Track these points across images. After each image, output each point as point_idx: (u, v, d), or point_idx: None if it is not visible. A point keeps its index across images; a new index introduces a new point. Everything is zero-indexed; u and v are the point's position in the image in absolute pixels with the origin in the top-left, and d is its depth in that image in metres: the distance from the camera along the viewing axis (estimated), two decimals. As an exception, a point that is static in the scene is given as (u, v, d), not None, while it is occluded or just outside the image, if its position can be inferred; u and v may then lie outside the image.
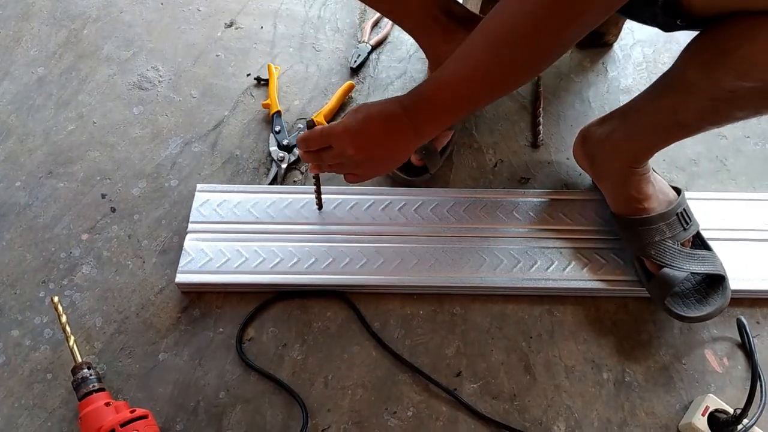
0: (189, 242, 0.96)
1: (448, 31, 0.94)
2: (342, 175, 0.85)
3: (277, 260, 0.95)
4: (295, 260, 0.95)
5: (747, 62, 0.67)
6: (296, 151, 1.08)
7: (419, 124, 0.76)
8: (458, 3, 0.97)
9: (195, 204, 1.00)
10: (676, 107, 0.80)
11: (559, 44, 0.68)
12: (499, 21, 0.68)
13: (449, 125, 0.78)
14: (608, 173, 0.96)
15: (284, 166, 1.07)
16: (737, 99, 0.72)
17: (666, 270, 0.88)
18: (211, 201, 1.00)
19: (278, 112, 1.13)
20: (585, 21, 0.65)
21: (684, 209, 0.91)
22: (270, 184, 1.06)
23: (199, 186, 1.02)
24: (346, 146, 0.78)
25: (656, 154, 0.90)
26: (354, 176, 0.83)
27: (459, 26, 0.95)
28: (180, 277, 0.93)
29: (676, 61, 0.79)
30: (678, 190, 0.94)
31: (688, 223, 0.90)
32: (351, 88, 1.18)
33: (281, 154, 1.08)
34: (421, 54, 1.13)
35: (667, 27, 0.79)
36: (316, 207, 0.99)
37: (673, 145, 0.90)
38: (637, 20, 0.86)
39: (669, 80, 0.81)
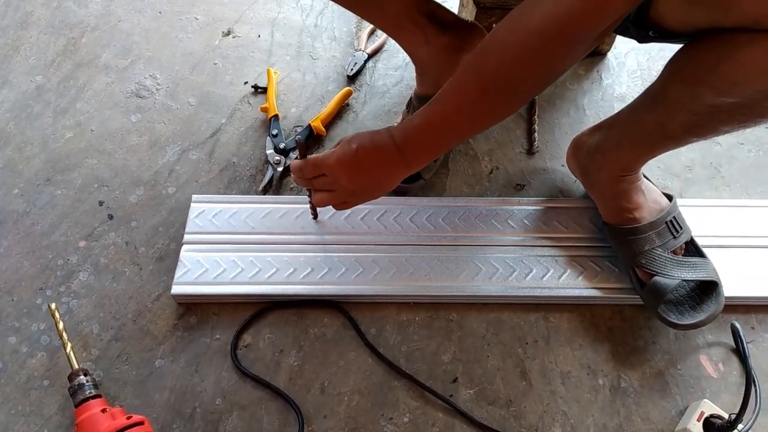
0: (185, 253, 0.96)
1: (427, 34, 0.95)
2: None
3: (273, 270, 0.95)
4: (291, 270, 0.95)
5: (727, 80, 0.67)
6: (292, 155, 1.09)
7: (409, 157, 0.79)
8: (443, 7, 0.97)
9: (191, 215, 1.00)
10: (661, 121, 0.81)
11: (543, 80, 0.71)
12: (485, 59, 0.70)
13: (439, 156, 0.80)
14: (598, 182, 0.96)
15: (280, 169, 1.08)
16: (720, 113, 0.72)
17: (657, 278, 0.88)
18: (207, 211, 1.00)
19: (276, 116, 1.14)
20: (567, 59, 0.68)
21: (674, 217, 0.92)
22: (265, 186, 1.07)
23: (194, 197, 1.02)
24: (338, 176, 0.81)
25: (650, 161, 0.91)
26: (344, 204, 0.86)
27: (439, 29, 0.95)
28: (176, 289, 0.93)
29: (660, 76, 0.80)
30: (670, 197, 0.94)
31: (678, 231, 0.91)
32: (349, 95, 1.19)
33: (277, 157, 1.09)
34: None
35: (641, 39, 0.80)
36: (311, 217, 0.99)
37: (667, 153, 0.91)
38: (614, 32, 0.87)
39: (653, 95, 0.82)
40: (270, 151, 1.10)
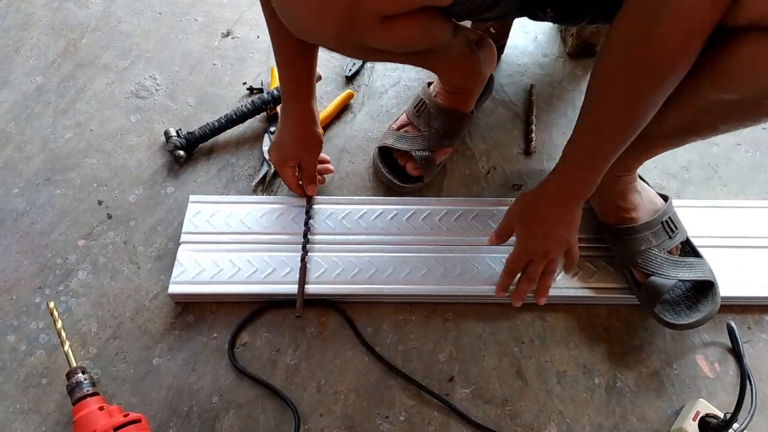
0: (182, 253, 0.96)
1: (474, 62, 0.98)
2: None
3: (270, 270, 0.95)
4: (287, 270, 0.95)
5: (726, 77, 0.67)
6: None
7: (578, 197, 0.83)
8: (471, 30, 1.00)
9: (188, 215, 1.00)
10: (659, 117, 0.80)
11: (662, 93, 0.70)
12: (611, 91, 0.72)
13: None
14: None
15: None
16: (720, 110, 0.73)
17: (653, 278, 0.88)
18: (204, 212, 1.01)
19: (276, 114, 1.15)
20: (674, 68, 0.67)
21: (670, 217, 0.92)
22: (259, 182, 1.08)
23: (191, 197, 1.03)
24: (534, 254, 0.87)
25: (647, 162, 0.91)
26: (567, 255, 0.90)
27: (477, 51, 0.98)
28: (173, 288, 0.93)
29: None
30: (666, 198, 0.95)
31: (674, 231, 0.91)
32: (350, 97, 1.20)
33: None
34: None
35: None
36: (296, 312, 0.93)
37: (665, 153, 0.91)
38: None
39: None
40: (266, 148, 1.10)
